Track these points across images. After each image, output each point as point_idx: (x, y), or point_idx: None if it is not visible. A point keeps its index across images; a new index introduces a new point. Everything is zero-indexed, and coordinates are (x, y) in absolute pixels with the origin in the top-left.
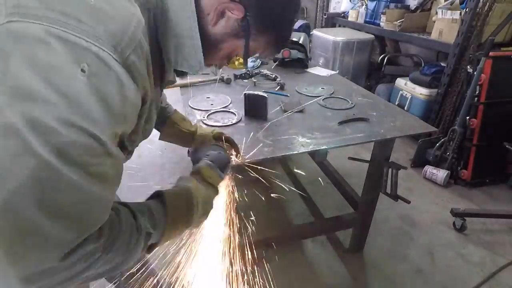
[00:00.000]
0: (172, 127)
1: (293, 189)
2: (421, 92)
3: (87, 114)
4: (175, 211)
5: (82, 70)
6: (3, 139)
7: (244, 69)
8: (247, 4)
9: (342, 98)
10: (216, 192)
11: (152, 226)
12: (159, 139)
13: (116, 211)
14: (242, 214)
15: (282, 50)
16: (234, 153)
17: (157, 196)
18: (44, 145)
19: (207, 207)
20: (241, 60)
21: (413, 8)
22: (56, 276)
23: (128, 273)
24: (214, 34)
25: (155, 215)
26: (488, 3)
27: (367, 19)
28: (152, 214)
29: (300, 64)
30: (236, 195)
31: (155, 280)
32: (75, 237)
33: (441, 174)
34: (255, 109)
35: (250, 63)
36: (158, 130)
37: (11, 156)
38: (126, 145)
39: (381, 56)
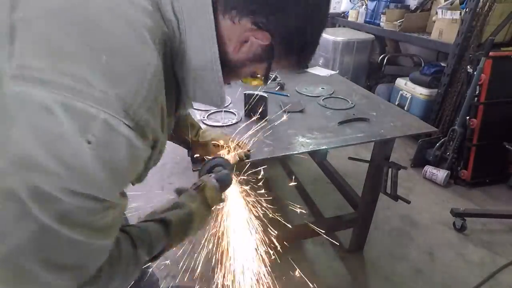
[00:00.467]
0: (177, 132)
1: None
2: (421, 92)
3: (93, 183)
4: (175, 238)
5: (88, 142)
6: (4, 202)
7: (264, 85)
8: (273, 32)
9: (342, 98)
10: (211, 212)
11: (148, 254)
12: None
13: (117, 241)
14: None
15: None
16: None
17: (163, 221)
18: (45, 212)
19: (201, 227)
20: (258, 81)
21: (413, 8)
22: None
23: None
24: (235, 60)
25: (153, 243)
26: (488, 3)
27: (367, 19)
28: (151, 243)
29: None
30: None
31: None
32: (75, 284)
33: (441, 174)
34: (255, 109)
35: None
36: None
37: (12, 218)
38: (132, 182)
39: (381, 56)
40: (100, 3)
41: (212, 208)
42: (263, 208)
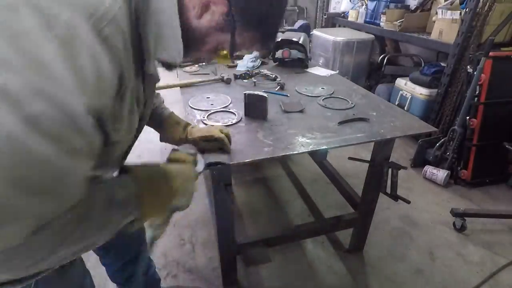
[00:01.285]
0: (166, 133)
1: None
2: (421, 92)
3: (59, 84)
4: (146, 175)
5: (54, 37)
6: None
7: (231, 63)
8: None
9: (342, 98)
10: (190, 166)
11: (127, 196)
12: (160, 141)
13: (90, 191)
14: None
15: (282, 50)
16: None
17: (124, 171)
18: (13, 115)
19: (187, 174)
20: (226, 57)
21: (413, 8)
22: (21, 255)
23: None
24: (199, 27)
25: (128, 186)
26: (488, 3)
27: (367, 19)
28: (124, 185)
29: (300, 64)
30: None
31: None
32: (48, 212)
33: (441, 174)
34: (255, 109)
35: (250, 63)
36: (157, 131)
37: None
38: (110, 132)
39: (381, 56)
40: None
41: (191, 164)
42: None
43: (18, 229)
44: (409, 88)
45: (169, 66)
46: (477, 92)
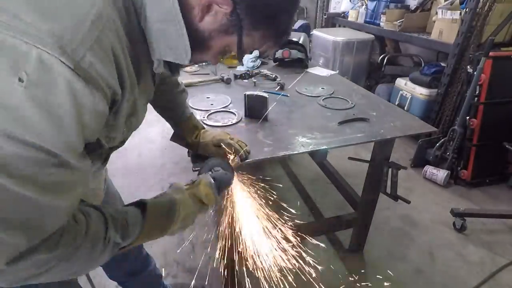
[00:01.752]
0: (183, 133)
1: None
2: (421, 92)
3: (30, 127)
4: (153, 224)
5: (20, 80)
6: None
7: (241, 66)
8: None
9: (342, 98)
10: (205, 210)
11: (122, 237)
12: (170, 140)
13: (87, 217)
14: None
15: (282, 50)
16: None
17: (140, 204)
18: None
19: (188, 222)
20: (233, 58)
21: (413, 8)
22: (2, 278)
23: None
24: (202, 30)
25: (129, 227)
26: (488, 3)
27: (367, 19)
28: (127, 225)
29: (300, 64)
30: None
31: None
32: (23, 243)
33: (441, 174)
34: (255, 109)
35: (250, 63)
36: (172, 126)
37: None
38: (104, 144)
39: (381, 56)
40: None
41: (208, 206)
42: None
43: None
44: (409, 88)
45: (172, 70)
46: (477, 92)
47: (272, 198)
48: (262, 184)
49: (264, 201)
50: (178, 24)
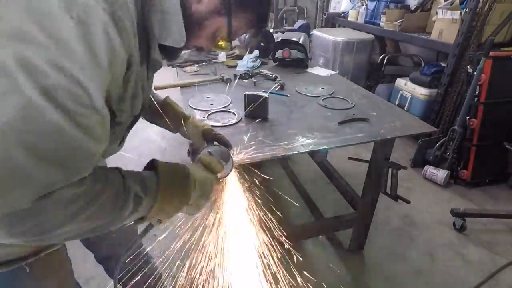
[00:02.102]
0: (165, 106)
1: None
2: (421, 92)
3: (75, 60)
4: (169, 181)
5: (72, 17)
6: None
7: (229, 51)
8: None
9: (342, 98)
10: (215, 179)
11: (141, 190)
12: (146, 118)
13: (105, 172)
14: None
15: (282, 50)
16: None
17: (152, 165)
18: (32, 85)
19: (206, 188)
20: (224, 43)
21: (413, 8)
22: (31, 220)
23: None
24: (198, 11)
25: (146, 181)
26: (488, 3)
27: (367, 19)
28: (144, 179)
29: (300, 64)
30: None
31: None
32: (55, 181)
33: (441, 174)
34: (255, 109)
35: (250, 63)
36: (157, 123)
37: (1, 93)
38: (115, 111)
39: (381, 56)
40: None
41: (218, 175)
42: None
43: (25, 193)
44: (409, 88)
45: (170, 56)
46: (477, 92)
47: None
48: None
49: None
50: (178, 15)
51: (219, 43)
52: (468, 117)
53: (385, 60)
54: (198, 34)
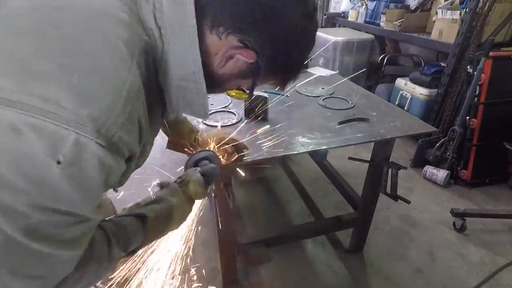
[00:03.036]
0: (178, 140)
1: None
2: (421, 92)
3: (63, 200)
4: (153, 233)
5: (58, 162)
6: None
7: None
8: (260, 51)
9: (342, 98)
10: (191, 207)
11: (123, 250)
12: (166, 148)
13: (91, 241)
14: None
15: None
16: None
17: (142, 216)
18: (11, 225)
19: (182, 221)
20: (243, 94)
21: (413, 8)
22: None
23: None
24: (221, 74)
25: (132, 242)
26: (488, 3)
27: (367, 19)
28: (129, 239)
29: None
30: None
31: None
32: None
33: (441, 174)
34: (255, 109)
35: None
36: (167, 134)
37: None
38: (114, 187)
39: (381, 56)
40: (75, 18)
41: (195, 202)
42: None
43: None
44: (409, 88)
45: None
46: (477, 92)
47: None
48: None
49: None
50: (199, 85)
51: (237, 93)
52: (468, 117)
53: (385, 60)
54: (216, 91)
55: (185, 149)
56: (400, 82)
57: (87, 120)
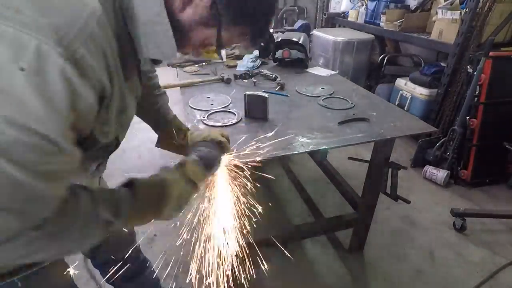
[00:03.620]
0: (167, 139)
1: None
2: (421, 92)
3: (31, 113)
4: (144, 202)
5: (21, 69)
6: None
7: (219, 59)
8: None
9: (342, 98)
10: (195, 188)
11: (113, 215)
12: (156, 146)
13: (76, 197)
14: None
15: (282, 50)
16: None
17: (130, 184)
18: None
19: (182, 201)
20: (212, 51)
21: (413, 8)
22: None
23: None
24: (183, 21)
25: (119, 204)
26: (488, 3)
27: (367, 19)
28: (118, 203)
29: (300, 64)
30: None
31: None
32: (15, 227)
33: (441, 174)
34: (255, 109)
35: (250, 63)
36: (156, 133)
37: None
38: (98, 138)
39: (381, 56)
40: None
41: (198, 184)
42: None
43: None
44: (409, 88)
45: (159, 62)
46: (477, 92)
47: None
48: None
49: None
50: (166, 26)
51: (208, 52)
52: (468, 117)
53: (385, 60)
54: (184, 43)
55: (176, 148)
56: (400, 82)
57: (48, 29)
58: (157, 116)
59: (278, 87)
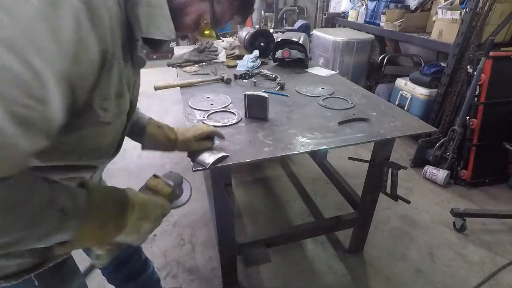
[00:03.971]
0: (151, 140)
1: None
2: (421, 92)
3: (32, 40)
4: (102, 201)
5: None
6: None
7: (215, 39)
8: None
9: (342, 98)
10: (163, 200)
11: (73, 209)
12: (142, 149)
13: (34, 178)
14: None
15: (282, 50)
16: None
17: (84, 184)
18: None
19: (148, 210)
20: (209, 31)
21: (413, 8)
22: None
23: None
24: None
25: (77, 197)
26: (488, 3)
27: (367, 19)
28: (75, 194)
29: (300, 64)
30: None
31: None
32: None
33: (441, 174)
34: (255, 109)
35: (250, 63)
36: (138, 142)
37: None
38: (97, 110)
39: (381, 56)
40: None
41: (165, 197)
42: None
43: None
44: (409, 88)
45: (157, 48)
46: (477, 92)
47: None
48: None
49: None
50: (164, 10)
51: (205, 32)
52: (468, 117)
53: (385, 60)
54: (181, 22)
55: (162, 146)
56: (400, 82)
57: None
58: (133, 125)
59: (278, 87)
